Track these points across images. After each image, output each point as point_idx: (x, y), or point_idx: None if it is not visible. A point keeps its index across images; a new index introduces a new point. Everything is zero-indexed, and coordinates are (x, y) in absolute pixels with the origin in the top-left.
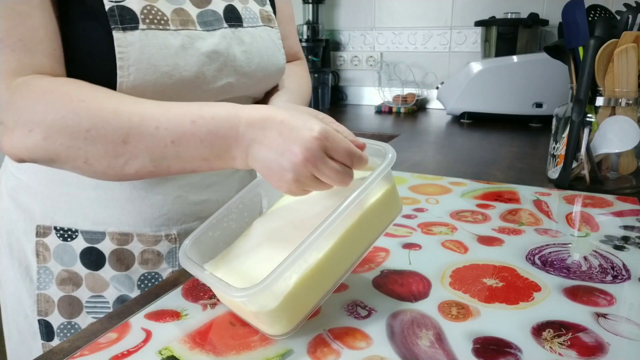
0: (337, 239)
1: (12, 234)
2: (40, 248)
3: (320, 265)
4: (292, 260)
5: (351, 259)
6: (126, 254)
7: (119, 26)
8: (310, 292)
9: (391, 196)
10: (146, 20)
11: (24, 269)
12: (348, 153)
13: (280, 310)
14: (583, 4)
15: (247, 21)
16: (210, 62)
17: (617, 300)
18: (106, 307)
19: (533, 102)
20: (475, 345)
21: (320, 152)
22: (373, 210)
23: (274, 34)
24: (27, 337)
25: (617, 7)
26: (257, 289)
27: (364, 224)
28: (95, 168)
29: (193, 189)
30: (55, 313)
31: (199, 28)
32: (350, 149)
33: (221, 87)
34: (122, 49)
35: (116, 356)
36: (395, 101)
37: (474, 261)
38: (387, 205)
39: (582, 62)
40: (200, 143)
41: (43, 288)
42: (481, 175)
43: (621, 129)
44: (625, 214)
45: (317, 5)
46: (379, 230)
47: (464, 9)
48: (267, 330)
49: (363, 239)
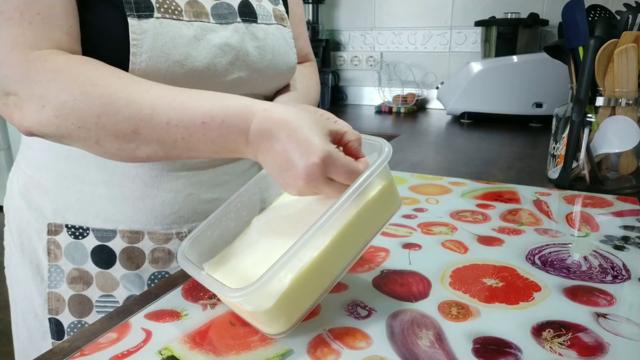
0: (333, 236)
1: (23, 233)
2: (51, 246)
3: (316, 263)
4: (286, 259)
5: (349, 256)
6: (136, 252)
7: (134, 13)
8: (306, 290)
9: (389, 192)
10: (161, 9)
11: (35, 267)
12: (349, 174)
13: (276, 310)
14: (583, 4)
15: (261, 18)
16: (223, 54)
17: (617, 300)
18: (116, 307)
19: (533, 102)
20: (475, 345)
21: (321, 177)
22: (370, 207)
23: (286, 33)
24: (36, 337)
25: (617, 7)
26: (251, 289)
27: (361, 221)
28: (107, 149)
29: (204, 186)
30: (65, 312)
31: (212, 20)
32: (351, 170)
33: (232, 81)
34: (136, 36)
35: (116, 356)
36: (395, 101)
37: (474, 261)
38: (384, 201)
39: (582, 62)
40: (210, 143)
41: (54, 287)
42: (481, 175)
43: (621, 129)
44: (625, 214)
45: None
46: (377, 227)
47: (464, 9)
48: (265, 330)
49: (360, 236)
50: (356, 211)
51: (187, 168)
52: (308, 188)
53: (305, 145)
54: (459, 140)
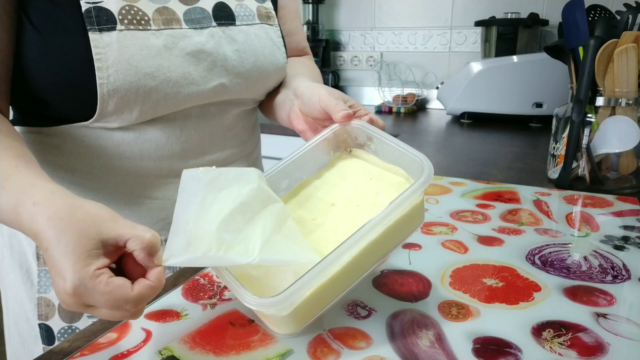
0: (356, 254)
1: (14, 237)
2: (40, 251)
3: (335, 277)
4: (311, 276)
5: (366, 268)
6: None
7: (95, 27)
8: (321, 299)
9: (417, 210)
10: (124, 21)
11: (25, 271)
12: (112, 303)
13: (290, 317)
14: (583, 4)
15: (240, 19)
16: (197, 62)
17: (617, 300)
18: None
19: (533, 102)
20: (475, 345)
21: (79, 305)
22: (397, 226)
23: (272, 32)
24: (28, 341)
25: (617, 7)
26: (273, 301)
27: (386, 239)
28: None
29: None
30: (55, 317)
31: (185, 26)
32: (114, 299)
33: (213, 89)
34: (99, 50)
35: (116, 356)
36: (395, 101)
37: (474, 261)
38: (411, 218)
39: (582, 62)
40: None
41: (44, 292)
42: (481, 175)
43: (621, 129)
44: (625, 214)
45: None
46: (398, 242)
47: (464, 9)
48: (273, 328)
49: (381, 251)
50: (383, 230)
51: (175, 175)
52: (71, 308)
53: (58, 268)
54: (459, 140)
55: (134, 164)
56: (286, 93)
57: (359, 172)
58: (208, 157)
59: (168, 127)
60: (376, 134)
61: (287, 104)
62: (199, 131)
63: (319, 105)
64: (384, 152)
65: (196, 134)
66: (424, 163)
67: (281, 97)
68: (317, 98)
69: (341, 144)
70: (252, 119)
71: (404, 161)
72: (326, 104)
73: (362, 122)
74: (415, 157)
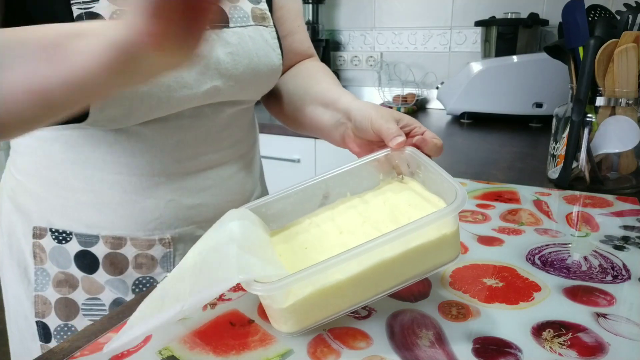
0: (367, 267)
1: (12, 235)
2: (37, 249)
3: (340, 285)
4: (310, 272)
5: (379, 289)
6: (120, 258)
7: None
8: (322, 306)
9: (448, 242)
10: None
11: (23, 270)
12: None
13: (287, 312)
14: (583, 4)
15: (234, 21)
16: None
17: (617, 300)
18: (102, 310)
19: (533, 102)
20: (475, 345)
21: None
22: (420, 251)
23: (267, 34)
24: (27, 338)
25: (617, 7)
26: (272, 287)
27: (405, 261)
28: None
29: (186, 192)
30: (52, 315)
31: None
32: None
33: (206, 92)
34: None
35: (116, 356)
36: (395, 101)
37: (474, 261)
38: (440, 249)
39: (582, 62)
40: None
41: (40, 290)
42: (481, 175)
43: (621, 129)
44: (625, 214)
45: (317, 5)
46: (422, 271)
47: (464, 9)
48: (273, 323)
49: (399, 275)
50: (402, 250)
51: (167, 174)
52: None
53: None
54: (459, 140)
55: (126, 163)
56: (335, 115)
57: (400, 199)
58: (202, 157)
59: (161, 128)
60: (423, 161)
61: (341, 128)
62: (193, 131)
63: (371, 130)
64: (429, 182)
65: (190, 133)
66: (458, 191)
67: (331, 119)
68: (368, 122)
69: (394, 168)
70: (248, 119)
71: (444, 190)
72: (378, 128)
73: (413, 150)
74: (451, 184)
